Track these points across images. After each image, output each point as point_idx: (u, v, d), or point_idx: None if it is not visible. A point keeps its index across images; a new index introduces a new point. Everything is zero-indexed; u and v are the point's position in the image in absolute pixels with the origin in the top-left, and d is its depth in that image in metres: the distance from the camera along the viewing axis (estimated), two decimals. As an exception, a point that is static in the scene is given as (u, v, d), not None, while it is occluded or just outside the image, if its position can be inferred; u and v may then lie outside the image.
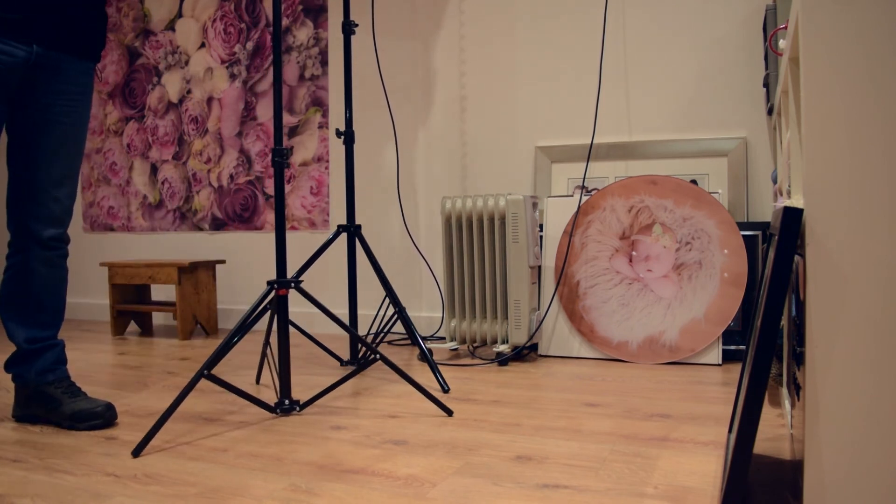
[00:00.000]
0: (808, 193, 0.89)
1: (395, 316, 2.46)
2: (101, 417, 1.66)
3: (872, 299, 0.86)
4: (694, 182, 2.39)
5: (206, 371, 1.59)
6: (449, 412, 1.72)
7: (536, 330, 2.42)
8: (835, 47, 0.88)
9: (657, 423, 1.60)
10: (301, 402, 1.78)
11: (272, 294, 1.77)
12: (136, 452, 1.46)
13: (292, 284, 1.76)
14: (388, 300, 3.14)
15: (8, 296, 1.71)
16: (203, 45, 3.47)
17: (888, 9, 0.86)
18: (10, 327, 1.71)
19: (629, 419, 1.64)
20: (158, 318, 3.71)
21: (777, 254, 0.91)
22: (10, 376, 1.79)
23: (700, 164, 2.57)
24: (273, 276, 3.34)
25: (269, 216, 3.34)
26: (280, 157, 1.76)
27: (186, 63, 3.52)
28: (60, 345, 1.76)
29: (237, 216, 3.42)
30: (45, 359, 1.71)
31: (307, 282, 3.25)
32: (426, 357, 2.06)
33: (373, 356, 1.76)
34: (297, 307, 3.24)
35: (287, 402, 1.75)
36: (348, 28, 2.32)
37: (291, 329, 3.21)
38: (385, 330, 2.50)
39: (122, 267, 3.17)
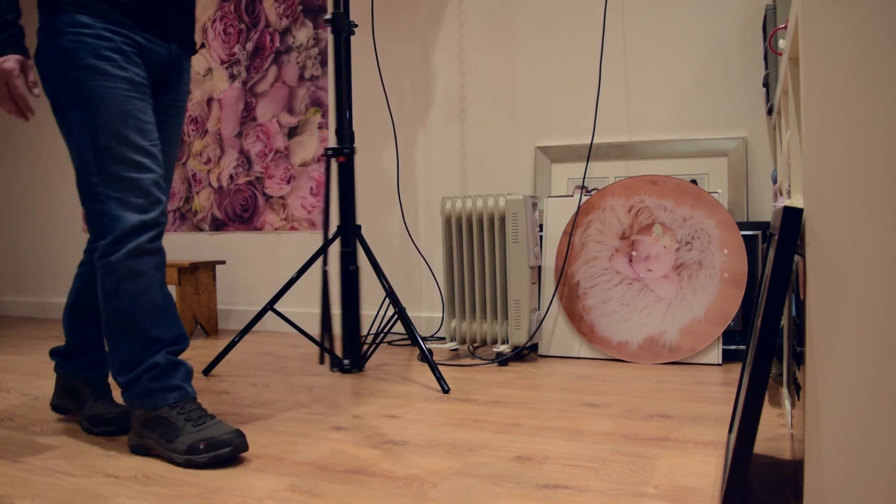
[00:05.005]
0: (808, 193, 0.89)
1: (396, 316, 2.46)
2: (112, 424, 1.61)
3: (872, 299, 0.86)
4: (694, 182, 2.39)
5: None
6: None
7: (536, 330, 2.42)
8: (835, 47, 0.88)
9: (657, 424, 1.60)
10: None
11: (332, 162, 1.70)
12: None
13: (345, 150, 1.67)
14: (388, 300, 3.14)
15: (70, 300, 1.69)
16: (203, 45, 3.47)
17: (888, 9, 0.86)
18: (66, 330, 1.70)
19: (629, 419, 1.64)
20: (158, 319, 3.70)
21: (777, 254, 0.91)
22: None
23: (700, 164, 2.57)
24: (273, 277, 3.34)
25: (269, 217, 3.34)
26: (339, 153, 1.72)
27: (186, 63, 3.52)
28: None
29: (237, 217, 3.42)
30: (87, 357, 1.70)
31: (308, 282, 3.25)
32: (426, 357, 2.06)
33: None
34: (297, 307, 3.24)
35: (347, 361, 1.72)
36: (348, 28, 2.32)
37: (291, 329, 3.22)
38: (385, 330, 2.50)
39: (122, 267, 3.17)
